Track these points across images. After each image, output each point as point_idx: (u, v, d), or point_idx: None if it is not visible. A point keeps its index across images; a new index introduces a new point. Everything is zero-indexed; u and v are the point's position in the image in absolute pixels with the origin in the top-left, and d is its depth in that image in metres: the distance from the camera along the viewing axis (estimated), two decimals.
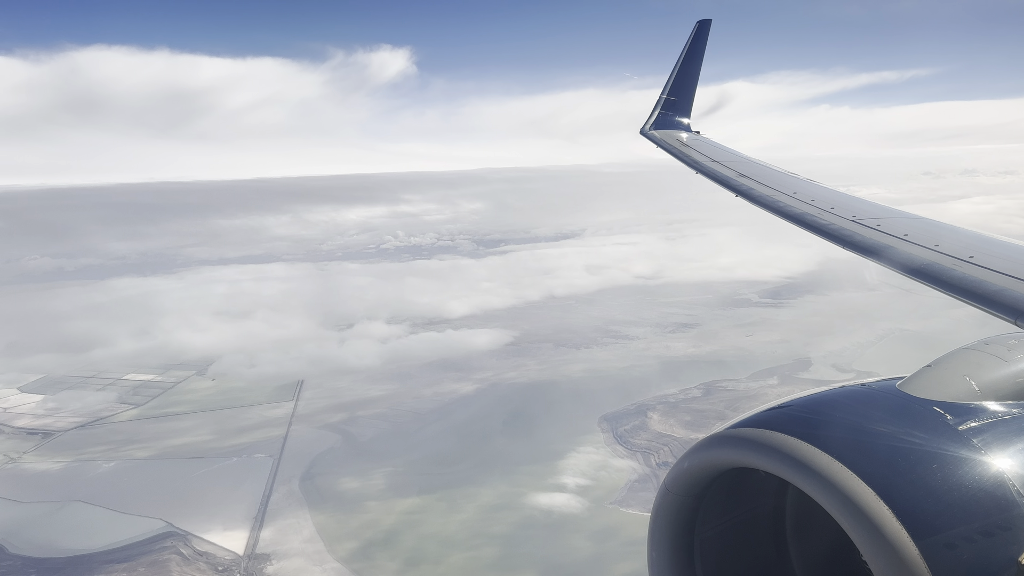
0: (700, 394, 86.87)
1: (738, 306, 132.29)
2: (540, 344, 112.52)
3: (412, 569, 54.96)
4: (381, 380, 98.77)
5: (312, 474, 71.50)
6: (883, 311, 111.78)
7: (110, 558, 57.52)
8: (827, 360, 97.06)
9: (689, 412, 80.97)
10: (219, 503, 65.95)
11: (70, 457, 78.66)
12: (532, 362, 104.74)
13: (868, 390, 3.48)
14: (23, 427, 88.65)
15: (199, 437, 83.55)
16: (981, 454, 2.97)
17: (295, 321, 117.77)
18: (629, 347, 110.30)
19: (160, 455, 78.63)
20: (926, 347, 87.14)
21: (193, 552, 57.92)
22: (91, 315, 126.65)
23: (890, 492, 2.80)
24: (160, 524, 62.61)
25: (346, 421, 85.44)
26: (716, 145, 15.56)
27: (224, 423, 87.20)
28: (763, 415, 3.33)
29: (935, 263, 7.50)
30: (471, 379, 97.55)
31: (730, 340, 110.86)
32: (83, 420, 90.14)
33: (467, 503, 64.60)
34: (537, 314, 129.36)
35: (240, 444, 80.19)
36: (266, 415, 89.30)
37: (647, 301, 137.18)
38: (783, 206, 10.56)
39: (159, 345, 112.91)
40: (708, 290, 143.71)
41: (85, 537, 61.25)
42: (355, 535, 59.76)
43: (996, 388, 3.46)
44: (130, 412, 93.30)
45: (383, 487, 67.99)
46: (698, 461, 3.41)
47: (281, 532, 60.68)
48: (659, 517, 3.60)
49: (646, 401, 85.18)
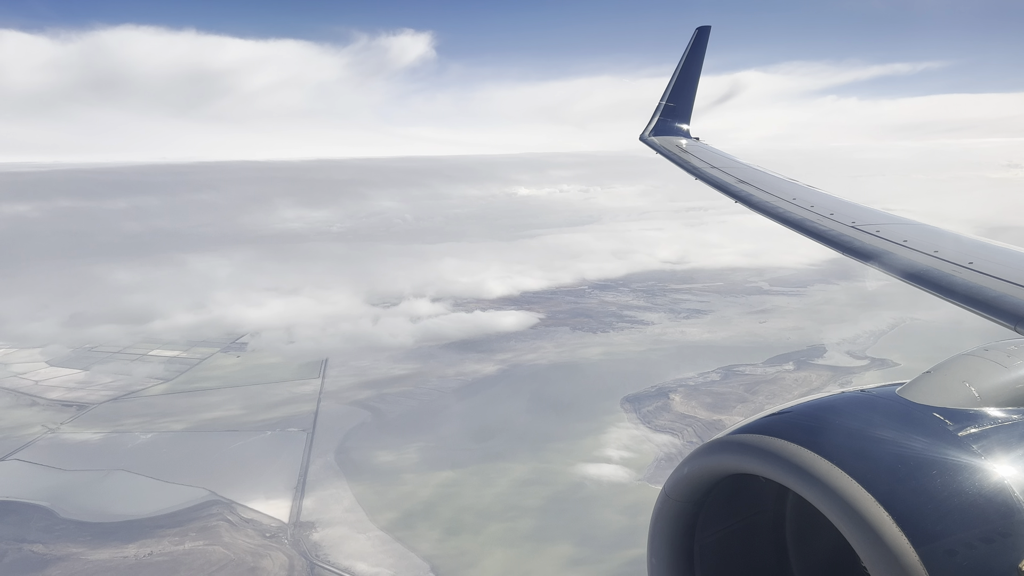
0: (719, 378, 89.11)
1: (749, 294, 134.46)
2: (557, 327, 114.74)
3: (453, 537, 57.22)
4: (404, 360, 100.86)
5: (346, 448, 73.71)
6: (893, 301, 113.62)
7: (159, 523, 59.72)
8: (841, 347, 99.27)
9: (709, 395, 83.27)
10: (259, 474, 68.20)
11: (107, 428, 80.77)
12: (550, 344, 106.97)
13: (868, 396, 3.51)
14: (57, 399, 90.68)
15: (230, 411, 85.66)
16: (981, 460, 2.98)
17: (342, 298, 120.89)
18: (645, 332, 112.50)
19: (195, 428, 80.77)
20: (937, 336, 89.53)
21: (239, 519, 60.17)
22: (147, 289, 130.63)
23: (890, 498, 2.79)
24: (204, 493, 64.84)
25: (374, 398, 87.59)
26: (715, 151, 15.79)
27: (253, 398, 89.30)
28: (763, 421, 3.37)
29: (934, 269, 7.54)
30: (493, 360, 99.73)
31: (744, 326, 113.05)
32: (115, 393, 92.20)
33: (499, 477, 66.87)
34: (560, 298, 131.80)
35: (272, 418, 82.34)
36: (294, 391, 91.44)
37: (659, 288, 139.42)
38: (782, 212, 10.67)
39: (215, 319, 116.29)
40: (719, 277, 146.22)
41: (132, 504, 63.48)
42: (394, 505, 62.02)
43: (996, 394, 3.46)
44: (160, 386, 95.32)
45: (417, 460, 70.25)
46: (698, 467, 3.44)
47: (322, 502, 62.93)
48: (659, 523, 3.62)
49: (666, 384, 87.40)
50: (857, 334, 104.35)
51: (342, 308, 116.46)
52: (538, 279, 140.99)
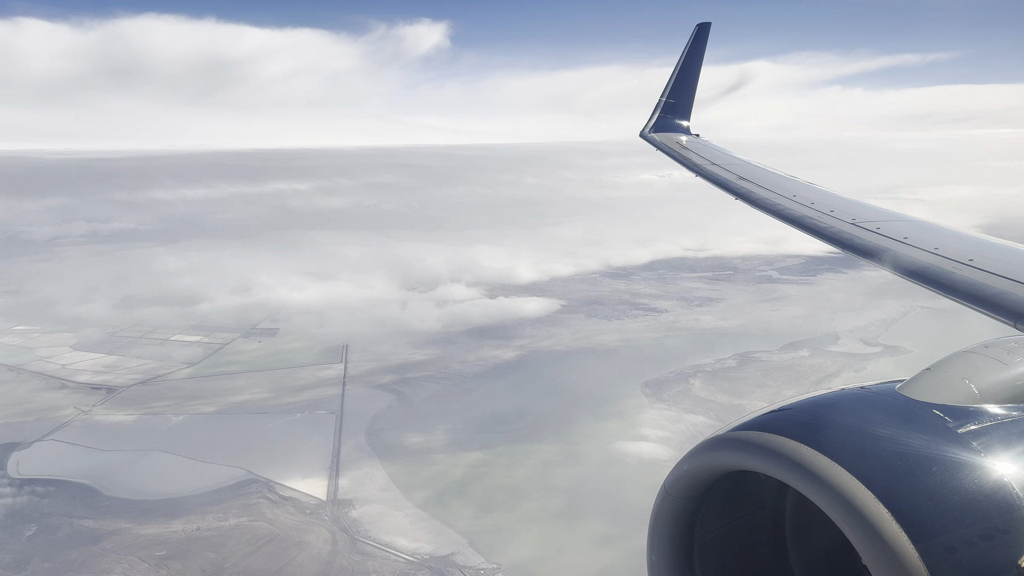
0: (735, 364, 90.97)
1: (759, 282, 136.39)
2: (572, 315, 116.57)
3: (487, 515, 59.14)
4: (424, 345, 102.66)
5: (375, 429, 75.56)
6: (902, 289, 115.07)
7: (202, 501, 61.55)
8: (854, 335, 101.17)
9: (728, 380, 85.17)
10: (292, 454, 70.03)
11: (139, 411, 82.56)
12: (566, 331, 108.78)
13: (868, 393, 3.53)
14: (85, 382, 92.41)
15: (257, 395, 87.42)
16: (981, 457, 2.99)
17: (379, 283, 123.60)
18: (659, 319, 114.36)
19: (225, 410, 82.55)
20: (948, 323, 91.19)
21: (279, 497, 62.03)
22: (191, 273, 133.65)
23: (890, 495, 2.80)
24: (241, 472, 66.67)
25: (397, 382, 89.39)
26: (715, 148, 15.73)
27: (278, 383, 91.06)
28: (763, 418, 3.39)
29: (935, 266, 7.54)
30: (511, 346, 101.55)
31: (756, 314, 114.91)
32: (141, 377, 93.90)
33: (527, 458, 68.77)
34: (572, 286, 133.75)
35: (300, 401, 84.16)
36: (318, 375, 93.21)
37: (671, 276, 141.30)
38: (783, 209, 10.68)
39: (259, 302, 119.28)
40: (728, 265, 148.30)
41: (172, 482, 65.29)
42: (427, 485, 63.92)
43: (996, 391, 3.46)
44: (185, 371, 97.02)
45: (445, 442, 72.13)
46: (698, 464, 3.47)
47: (357, 481, 64.81)
48: (659, 520, 3.67)
49: (684, 369, 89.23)
50: (868, 322, 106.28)
51: (377, 293, 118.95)
52: (566, 265, 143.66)
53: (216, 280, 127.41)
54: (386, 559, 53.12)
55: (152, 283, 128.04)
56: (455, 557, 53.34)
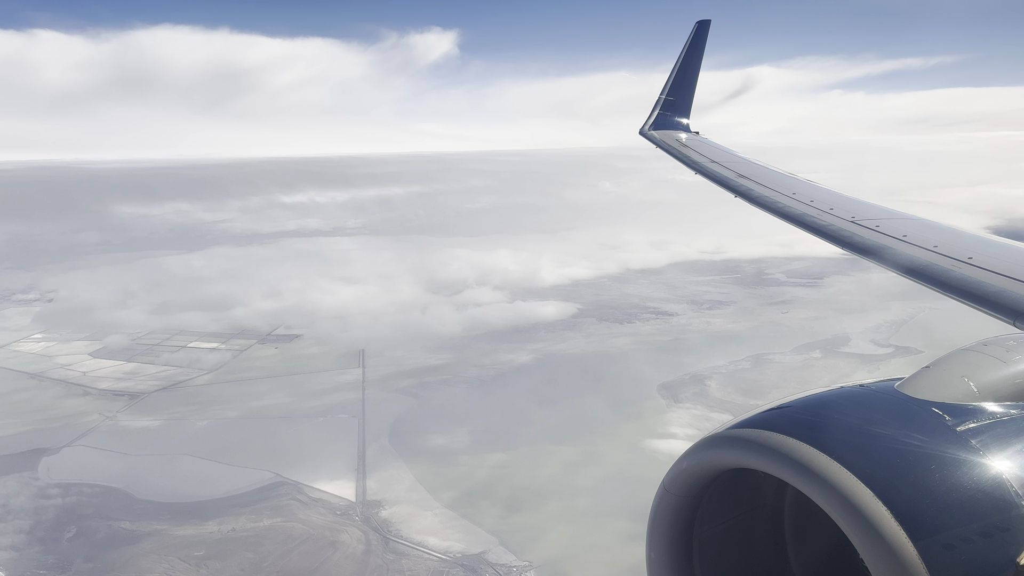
0: (749, 366, 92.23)
1: (767, 285, 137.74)
2: (584, 319, 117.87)
3: (514, 514, 60.28)
4: (439, 350, 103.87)
5: (398, 432, 76.72)
6: (909, 291, 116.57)
7: (233, 503, 62.70)
8: (864, 336, 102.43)
9: (743, 381, 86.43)
10: (318, 457, 71.12)
11: (163, 416, 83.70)
12: (579, 335, 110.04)
13: (867, 391, 3.53)
14: (107, 389, 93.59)
15: (278, 400, 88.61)
16: (980, 455, 2.99)
17: (404, 287, 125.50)
18: (670, 322, 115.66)
19: (248, 415, 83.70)
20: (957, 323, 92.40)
21: (308, 499, 63.16)
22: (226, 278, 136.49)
23: (888, 493, 2.81)
24: (269, 475, 67.80)
25: (416, 386, 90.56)
26: (715, 146, 15.73)
27: (298, 387, 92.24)
28: (762, 416, 3.39)
29: (934, 264, 7.54)
30: (526, 349, 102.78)
31: (767, 316, 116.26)
32: (162, 383, 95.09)
33: (550, 459, 69.92)
34: (580, 290, 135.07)
35: (321, 406, 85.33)
36: (336, 380, 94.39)
37: (678, 280, 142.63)
38: (782, 207, 10.71)
39: (292, 306, 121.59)
40: (736, 269, 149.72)
41: (202, 485, 66.40)
42: (453, 485, 65.05)
43: (995, 389, 3.45)
44: (204, 377, 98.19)
45: (468, 443, 73.26)
46: (697, 461, 3.46)
47: (384, 482, 65.95)
48: (658, 517, 3.68)
49: (699, 372, 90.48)
50: (878, 324, 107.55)
51: (403, 297, 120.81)
52: (585, 269, 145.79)
53: (246, 286, 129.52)
54: (419, 558, 54.26)
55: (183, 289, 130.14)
56: (487, 555, 54.48)
